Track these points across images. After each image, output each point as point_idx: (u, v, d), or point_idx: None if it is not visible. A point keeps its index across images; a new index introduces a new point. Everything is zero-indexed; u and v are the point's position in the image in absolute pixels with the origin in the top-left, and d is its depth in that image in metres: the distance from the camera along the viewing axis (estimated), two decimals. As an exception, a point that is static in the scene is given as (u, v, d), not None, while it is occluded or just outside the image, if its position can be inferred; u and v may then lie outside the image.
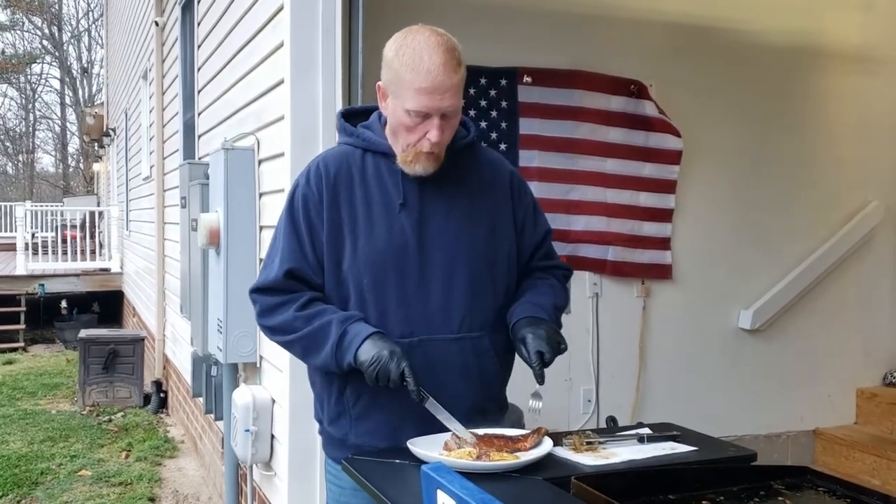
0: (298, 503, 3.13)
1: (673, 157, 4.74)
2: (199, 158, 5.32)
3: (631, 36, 4.69)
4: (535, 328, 1.94)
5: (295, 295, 1.95)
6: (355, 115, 2.11)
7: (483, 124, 4.36)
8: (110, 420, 6.92)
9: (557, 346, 1.93)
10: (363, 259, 1.93)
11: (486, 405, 2.02)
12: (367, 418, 1.97)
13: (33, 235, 13.55)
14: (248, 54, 3.87)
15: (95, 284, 12.53)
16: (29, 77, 32.82)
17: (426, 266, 1.95)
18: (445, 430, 1.88)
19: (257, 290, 2.01)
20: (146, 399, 7.46)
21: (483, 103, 4.37)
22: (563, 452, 1.89)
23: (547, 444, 1.84)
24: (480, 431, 1.87)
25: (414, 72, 1.83)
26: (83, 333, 7.70)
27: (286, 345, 2.01)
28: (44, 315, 12.50)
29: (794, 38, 5.01)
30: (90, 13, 31.62)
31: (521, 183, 2.14)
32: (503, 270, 2.05)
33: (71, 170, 34.43)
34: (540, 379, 1.90)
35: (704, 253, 4.91)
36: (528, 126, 4.46)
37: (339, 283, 1.96)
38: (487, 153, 2.14)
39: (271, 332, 2.01)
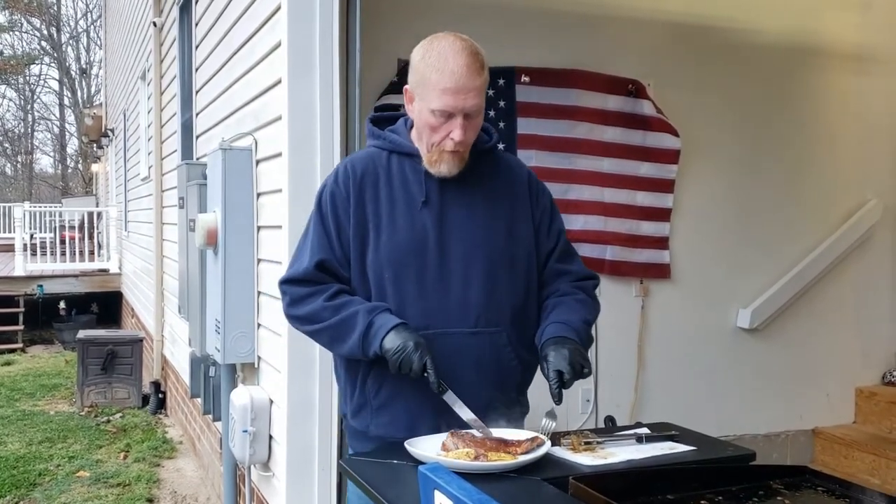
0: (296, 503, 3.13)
1: (671, 157, 4.73)
2: (197, 159, 5.32)
3: (629, 35, 4.68)
4: (560, 347, 1.97)
5: (323, 286, 2.03)
6: (384, 121, 2.20)
7: (481, 124, 4.35)
8: (109, 421, 6.91)
9: (580, 368, 1.95)
10: (385, 254, 2.02)
11: (502, 401, 2.04)
12: (386, 409, 2.03)
13: (32, 236, 13.54)
14: (246, 54, 3.87)
15: (94, 285, 12.53)
16: (27, 78, 32.81)
17: (445, 262, 2.03)
18: (461, 422, 1.91)
19: (287, 282, 2.09)
20: (145, 400, 7.45)
21: (481, 103, 4.36)
22: (562, 452, 1.89)
23: (545, 445, 1.84)
24: (478, 434, 1.87)
25: (439, 73, 1.93)
26: (81, 334, 7.69)
27: (313, 334, 2.09)
28: (42, 316, 12.48)
29: (793, 38, 5.01)
30: (89, 14, 31.64)
31: (539, 184, 2.23)
32: (522, 269, 2.12)
33: (70, 171, 34.41)
34: (557, 399, 1.92)
35: (703, 252, 4.91)
36: (525, 126, 4.46)
37: (361, 277, 2.05)
38: (506, 157, 2.25)
39: (299, 321, 2.08)
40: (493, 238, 2.07)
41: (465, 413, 1.92)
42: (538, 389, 2.11)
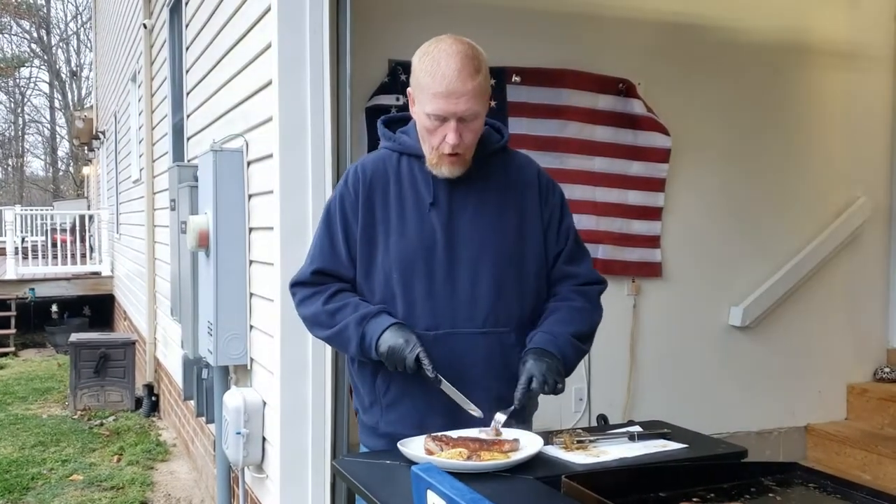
0: (290, 505, 3.12)
1: (662, 156, 4.74)
2: (189, 161, 5.30)
3: (619, 34, 4.69)
4: (541, 358, 1.98)
5: (323, 287, 2.08)
6: (396, 122, 2.21)
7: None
8: (102, 424, 6.89)
9: (553, 383, 1.96)
10: (394, 255, 2.04)
11: (512, 400, 2.01)
12: (396, 407, 2.07)
13: (23, 240, 13.48)
14: (236, 56, 3.86)
15: (86, 288, 12.49)
16: (17, 81, 32.69)
17: (453, 263, 2.05)
18: (472, 421, 1.92)
19: (293, 285, 2.16)
20: (138, 403, 7.42)
21: (472, 103, 4.36)
22: (554, 451, 1.89)
23: (537, 444, 1.84)
24: (454, 434, 1.87)
25: (430, 77, 1.94)
26: (74, 337, 7.66)
27: (321, 339, 2.16)
28: (34, 319, 12.45)
29: (782, 36, 5.03)
30: (79, 16, 31.55)
31: (549, 182, 2.21)
32: (531, 270, 2.12)
33: (61, 173, 34.32)
34: (517, 401, 1.93)
35: (694, 250, 4.92)
36: (516, 125, 4.46)
37: (369, 278, 2.07)
38: (517, 156, 2.23)
39: (306, 323, 2.15)
40: (501, 239, 2.07)
41: (463, 402, 1.94)
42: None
